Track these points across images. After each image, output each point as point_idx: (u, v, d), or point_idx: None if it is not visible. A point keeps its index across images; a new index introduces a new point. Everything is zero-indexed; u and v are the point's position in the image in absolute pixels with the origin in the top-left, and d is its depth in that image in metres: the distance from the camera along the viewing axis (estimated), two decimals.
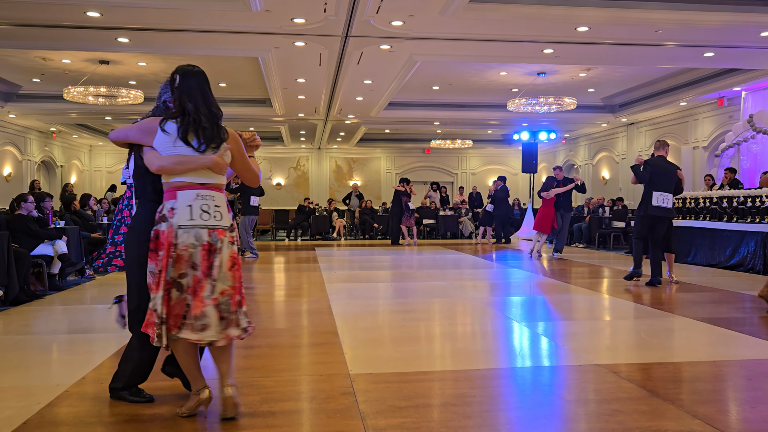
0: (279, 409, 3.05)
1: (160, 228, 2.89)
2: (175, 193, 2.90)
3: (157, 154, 2.91)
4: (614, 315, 5.85)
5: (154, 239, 2.91)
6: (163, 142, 2.91)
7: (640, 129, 16.86)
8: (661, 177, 7.37)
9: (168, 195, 2.92)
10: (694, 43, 9.38)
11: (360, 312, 5.83)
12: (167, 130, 2.91)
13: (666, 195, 7.32)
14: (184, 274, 2.86)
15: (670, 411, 3.02)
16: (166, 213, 2.90)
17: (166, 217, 2.89)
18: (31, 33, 8.82)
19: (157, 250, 2.88)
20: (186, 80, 2.99)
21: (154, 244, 2.91)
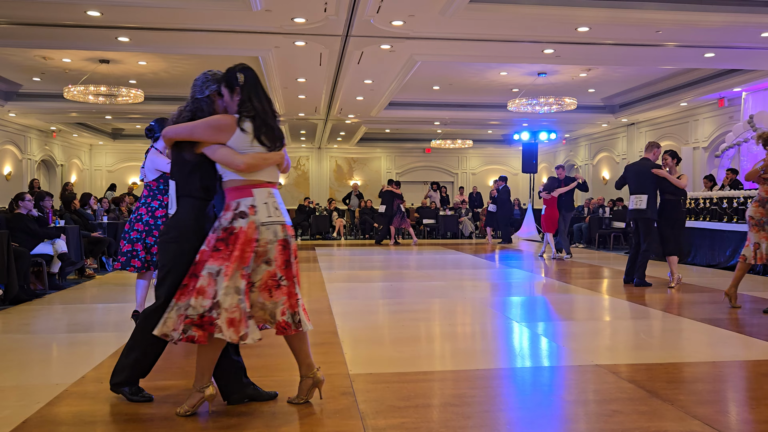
0: (279, 409, 3.05)
1: (235, 225, 2.86)
2: (250, 190, 2.92)
3: (233, 151, 2.90)
4: (614, 315, 5.85)
5: (225, 236, 2.86)
6: (241, 141, 2.91)
7: (640, 129, 16.86)
8: (636, 179, 7.42)
9: (240, 193, 2.91)
10: (694, 43, 9.38)
11: (360, 312, 5.83)
12: (246, 129, 2.91)
13: (639, 197, 7.31)
14: (257, 271, 2.91)
15: (669, 411, 3.01)
16: (245, 210, 2.88)
17: (245, 213, 2.87)
18: (31, 32, 8.82)
19: (230, 247, 2.84)
20: (251, 79, 2.99)
21: (226, 241, 2.86)
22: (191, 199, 3.02)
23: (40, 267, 7.06)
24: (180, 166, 3.03)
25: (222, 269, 2.83)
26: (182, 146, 2.99)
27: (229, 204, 2.93)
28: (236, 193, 2.92)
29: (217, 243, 2.88)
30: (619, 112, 15.83)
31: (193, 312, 2.81)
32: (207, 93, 3.06)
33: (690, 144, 14.80)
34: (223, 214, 2.94)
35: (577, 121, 17.11)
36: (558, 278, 8.36)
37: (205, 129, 2.92)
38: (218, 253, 2.85)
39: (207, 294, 2.82)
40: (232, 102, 2.99)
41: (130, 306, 6.09)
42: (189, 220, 3.00)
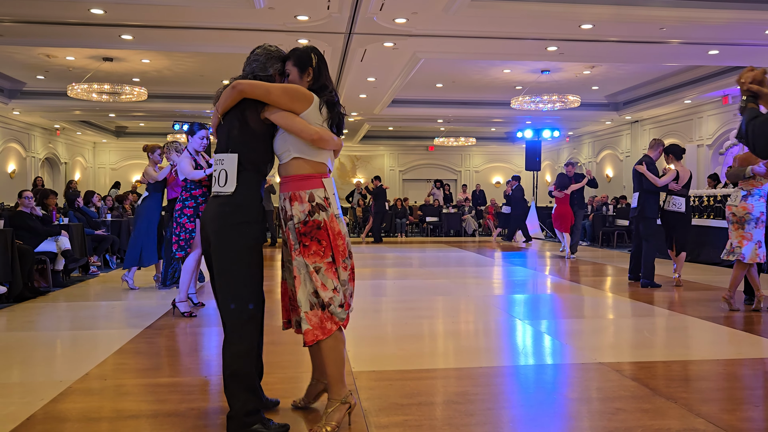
0: (282, 406, 3.06)
1: (319, 218, 2.66)
2: (320, 181, 2.71)
3: (305, 122, 2.67)
4: (617, 313, 5.84)
5: (311, 229, 2.66)
6: (315, 118, 2.69)
7: (644, 127, 16.82)
8: (635, 178, 7.41)
9: (310, 182, 2.69)
10: (698, 40, 9.35)
11: (363, 309, 5.83)
12: (323, 113, 2.72)
13: (634, 195, 7.39)
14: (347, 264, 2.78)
15: (673, 409, 3.01)
16: (321, 202, 2.68)
17: (322, 206, 2.68)
18: (35, 30, 8.84)
19: (323, 242, 2.67)
20: (324, 62, 2.82)
21: (310, 236, 2.67)
22: (257, 175, 2.73)
23: (44, 264, 7.08)
24: (243, 134, 2.69)
25: (322, 267, 2.66)
26: (246, 112, 2.68)
27: (299, 194, 2.68)
28: (304, 182, 2.69)
29: (302, 238, 2.67)
30: (623, 109, 15.80)
31: (339, 299, 2.68)
32: (270, 71, 2.80)
33: (694, 141, 14.76)
34: (290, 203, 2.70)
35: (580, 118, 17.08)
36: (561, 276, 8.35)
37: (281, 92, 2.66)
38: (307, 249, 2.67)
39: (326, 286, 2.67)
40: (302, 83, 2.76)
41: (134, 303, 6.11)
42: (257, 196, 2.72)
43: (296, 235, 2.68)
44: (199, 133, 5.58)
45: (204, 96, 15.14)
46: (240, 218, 2.65)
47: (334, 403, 2.71)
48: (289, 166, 2.72)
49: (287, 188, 2.72)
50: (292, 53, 2.80)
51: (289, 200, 2.71)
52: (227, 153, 2.69)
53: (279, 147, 2.73)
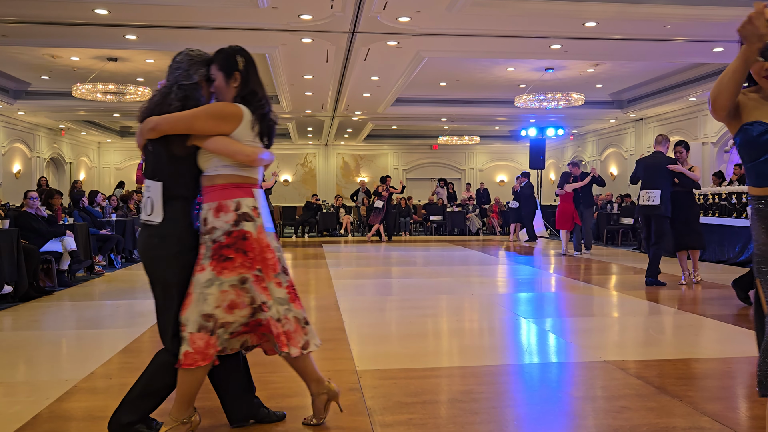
0: (286, 405, 3.06)
1: (244, 228, 2.49)
2: (250, 190, 2.55)
3: (237, 143, 2.50)
4: (622, 312, 5.82)
5: (233, 242, 2.48)
6: (244, 135, 2.52)
7: (648, 125, 16.77)
8: (648, 174, 7.13)
9: (239, 191, 2.52)
10: (703, 38, 9.31)
11: (367, 308, 5.83)
12: (254, 128, 2.54)
13: (652, 192, 7.02)
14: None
15: (678, 408, 3.00)
16: (248, 212, 2.52)
17: (250, 216, 2.52)
18: (39, 30, 8.86)
19: (249, 254, 2.50)
20: (252, 64, 2.62)
21: (236, 247, 2.48)
22: (183, 201, 2.56)
23: (50, 264, 7.11)
24: (166, 162, 2.52)
25: (249, 278, 2.50)
26: (169, 140, 2.49)
27: (225, 204, 2.50)
28: (233, 191, 2.52)
29: (224, 251, 2.48)
30: (627, 107, 15.75)
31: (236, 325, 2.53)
32: (195, 78, 2.58)
33: (699, 139, 14.71)
34: (213, 214, 2.51)
35: (584, 116, 17.04)
36: (566, 275, 8.33)
37: (205, 119, 2.47)
38: (230, 262, 2.48)
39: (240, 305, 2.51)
40: (228, 89, 2.58)
41: (139, 302, 6.12)
42: (186, 225, 2.55)
43: (213, 249, 2.48)
44: None
45: None
46: (168, 250, 2.51)
47: (172, 423, 2.54)
48: (214, 178, 2.53)
49: (212, 198, 2.52)
50: (217, 56, 2.60)
51: (213, 211, 2.51)
52: (153, 181, 2.55)
53: (203, 162, 2.54)
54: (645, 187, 7.15)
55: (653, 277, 7.08)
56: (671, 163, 7.09)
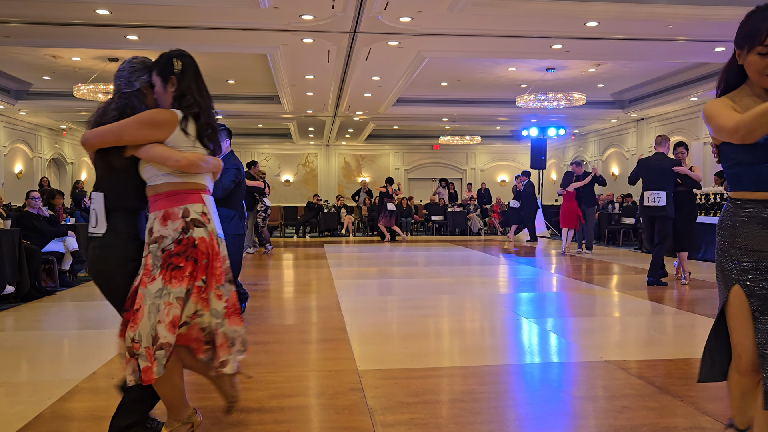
0: (287, 405, 3.06)
1: (193, 235, 2.41)
2: (199, 195, 2.48)
3: (171, 148, 2.42)
4: (624, 311, 5.82)
5: (183, 250, 2.40)
6: (180, 141, 2.44)
7: (650, 124, 16.76)
8: (654, 176, 7.12)
9: (187, 197, 2.45)
10: (704, 37, 9.31)
11: (368, 308, 5.84)
12: (187, 128, 2.46)
13: (658, 193, 7.02)
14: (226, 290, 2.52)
15: (679, 408, 3.00)
16: (197, 217, 2.43)
17: (199, 221, 2.43)
18: (41, 31, 8.88)
19: (198, 261, 2.41)
20: (190, 67, 2.54)
21: (185, 255, 2.40)
22: (126, 212, 2.50)
23: (51, 264, 7.12)
24: (107, 174, 2.49)
25: (191, 290, 2.41)
26: (108, 151, 2.44)
27: (172, 211, 2.41)
28: (179, 197, 2.43)
29: (174, 259, 2.38)
30: (629, 107, 15.74)
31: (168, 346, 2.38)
32: (137, 86, 2.54)
33: (700, 139, 14.70)
34: (161, 223, 2.41)
35: (586, 116, 17.04)
36: (567, 274, 8.33)
37: (137, 128, 2.39)
38: (180, 271, 2.38)
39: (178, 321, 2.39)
40: (166, 94, 2.51)
41: None
42: (130, 236, 2.48)
43: (162, 258, 2.39)
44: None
45: None
46: (111, 262, 2.46)
47: (174, 424, 2.52)
48: (158, 187, 2.45)
49: (158, 206, 2.43)
50: (157, 61, 2.56)
51: (159, 220, 2.42)
52: (96, 192, 2.51)
53: (146, 172, 2.46)
54: (649, 188, 7.13)
55: (655, 277, 7.10)
56: (676, 164, 7.10)
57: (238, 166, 5.18)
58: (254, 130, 20.77)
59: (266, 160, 22.41)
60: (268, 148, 22.65)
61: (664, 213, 7.01)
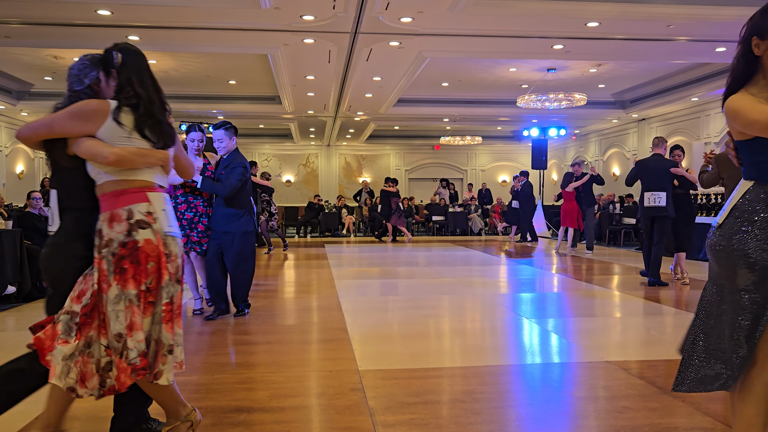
0: (288, 405, 3.07)
1: (138, 237, 2.34)
2: (144, 194, 2.40)
3: (101, 142, 2.34)
4: (625, 312, 5.82)
5: (128, 253, 2.33)
6: (114, 133, 2.35)
7: (651, 125, 16.75)
8: (653, 177, 7.21)
9: (131, 197, 2.37)
10: (705, 37, 9.30)
11: (369, 308, 5.84)
12: (122, 119, 2.37)
13: (658, 194, 7.13)
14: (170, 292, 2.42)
15: (680, 408, 3.00)
16: (142, 218, 2.36)
17: (144, 222, 2.36)
18: (42, 31, 8.89)
19: (142, 265, 2.34)
20: (133, 60, 2.48)
21: (131, 258, 2.33)
22: (77, 212, 2.45)
23: None
24: (56, 173, 2.46)
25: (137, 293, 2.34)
26: (53, 149, 2.40)
27: (117, 213, 2.35)
28: (122, 198, 2.36)
29: (123, 263, 2.33)
30: (630, 107, 15.74)
31: (135, 354, 2.31)
32: (87, 82, 2.51)
33: (701, 139, 14.69)
34: (107, 225, 2.35)
35: (587, 116, 17.03)
36: (568, 275, 8.33)
37: (66, 119, 2.34)
38: (126, 274, 2.33)
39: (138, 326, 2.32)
40: (108, 88, 2.46)
41: None
42: (79, 235, 2.42)
43: (114, 263, 2.33)
44: (190, 135, 5.28)
45: (210, 96, 15.19)
46: (59, 261, 2.40)
47: (173, 423, 2.50)
48: (103, 186, 2.39)
49: (104, 208, 2.38)
50: (101, 56, 2.51)
51: (107, 222, 2.36)
52: (52, 189, 2.52)
53: (91, 171, 2.40)
54: (649, 189, 7.22)
55: (655, 277, 7.14)
56: (673, 165, 7.24)
57: (244, 164, 5.15)
58: (255, 130, 20.79)
59: (267, 161, 22.42)
60: (269, 148, 22.66)
61: (665, 213, 7.11)
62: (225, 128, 5.21)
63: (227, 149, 5.24)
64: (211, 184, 5.10)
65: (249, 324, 5.09)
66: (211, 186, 5.09)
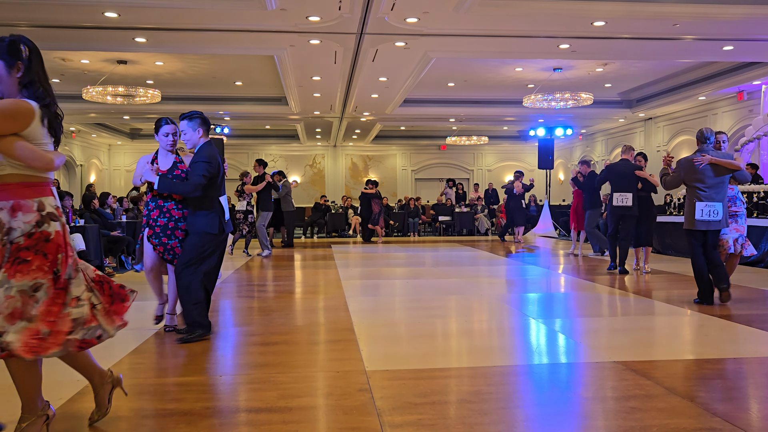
0: (296, 405, 3.07)
1: (49, 228, 2.41)
2: (50, 189, 2.49)
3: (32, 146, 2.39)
4: (632, 312, 5.80)
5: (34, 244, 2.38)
6: (37, 134, 2.43)
7: (657, 124, 16.69)
8: (620, 179, 8.15)
9: (40, 190, 2.44)
10: (712, 36, 9.26)
11: (376, 309, 5.84)
12: (43, 120, 2.44)
13: (625, 195, 8.06)
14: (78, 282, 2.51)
15: (689, 408, 2.99)
16: (53, 211, 2.45)
17: (54, 215, 2.45)
18: (50, 34, 8.94)
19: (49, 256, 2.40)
20: (37, 54, 2.49)
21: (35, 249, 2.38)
22: None
23: None
24: None
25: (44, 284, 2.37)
26: None
27: (26, 204, 2.38)
28: (33, 190, 2.41)
29: (23, 254, 2.35)
30: (636, 106, 15.68)
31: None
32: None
33: None
34: (10, 214, 2.37)
35: (593, 116, 16.98)
36: (575, 275, 8.31)
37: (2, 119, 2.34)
38: (26, 265, 2.35)
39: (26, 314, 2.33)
40: (10, 80, 2.43)
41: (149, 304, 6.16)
42: None
43: (11, 251, 2.36)
44: (162, 129, 4.63)
45: (217, 97, 15.24)
46: None
47: (29, 418, 2.49)
48: (5, 177, 2.38)
49: (6, 197, 2.38)
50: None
51: (8, 211, 2.37)
52: None
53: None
54: (618, 190, 8.15)
55: (622, 266, 8.15)
56: (637, 169, 8.16)
57: (209, 158, 4.42)
58: (262, 131, 20.84)
59: (274, 161, 22.46)
60: (275, 149, 22.70)
61: (631, 212, 8.08)
62: (189, 119, 4.56)
63: (193, 143, 4.58)
64: (169, 184, 4.40)
65: (256, 324, 5.10)
66: (169, 185, 4.40)
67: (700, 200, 5.66)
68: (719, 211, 5.63)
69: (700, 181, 5.70)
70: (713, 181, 5.69)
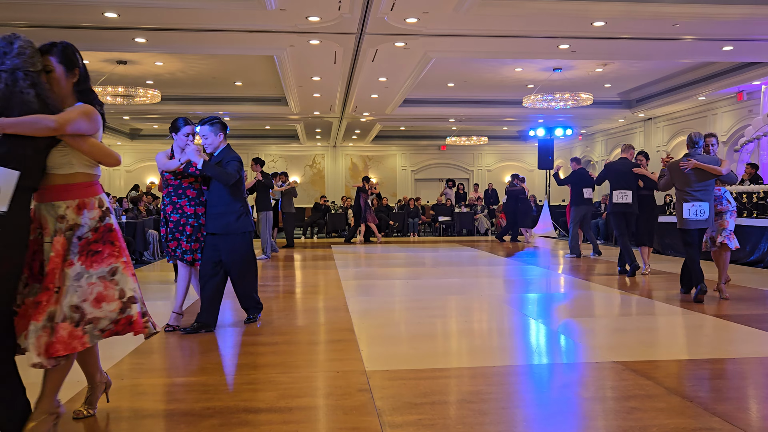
0: (296, 405, 3.08)
1: (110, 221, 2.70)
2: (101, 187, 2.78)
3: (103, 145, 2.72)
4: (632, 312, 5.80)
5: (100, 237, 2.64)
6: (101, 135, 2.75)
7: (657, 124, 16.70)
8: (619, 177, 8.08)
9: (100, 189, 2.75)
10: (712, 36, 9.27)
11: (376, 309, 5.85)
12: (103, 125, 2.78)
13: (624, 192, 7.99)
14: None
15: (689, 408, 2.99)
16: (109, 206, 2.74)
17: (110, 210, 2.74)
18: (50, 34, 8.94)
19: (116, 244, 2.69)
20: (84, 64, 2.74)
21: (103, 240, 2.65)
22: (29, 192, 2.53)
23: None
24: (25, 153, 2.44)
25: (119, 267, 2.67)
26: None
27: (89, 201, 2.63)
28: (94, 189, 2.69)
29: (93, 246, 2.61)
30: (636, 107, 15.69)
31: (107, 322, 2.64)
32: (39, 67, 2.52)
33: None
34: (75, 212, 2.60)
35: (593, 116, 16.99)
36: (574, 275, 8.32)
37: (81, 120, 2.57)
38: (99, 255, 2.62)
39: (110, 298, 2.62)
40: (66, 83, 2.62)
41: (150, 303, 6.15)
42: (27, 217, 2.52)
43: (78, 246, 2.58)
44: (183, 129, 4.86)
45: (217, 98, 15.24)
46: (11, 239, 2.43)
47: (41, 415, 2.61)
48: (69, 177, 2.60)
49: (71, 196, 2.59)
50: (54, 48, 2.58)
51: (74, 209, 2.60)
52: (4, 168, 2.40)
53: (58, 161, 2.57)
54: (618, 188, 8.05)
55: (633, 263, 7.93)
56: (635, 166, 8.09)
57: (239, 159, 4.84)
58: (261, 131, 20.83)
59: (273, 162, 22.47)
60: (275, 149, 22.70)
61: (630, 210, 8.02)
62: (210, 124, 4.81)
63: (213, 146, 4.82)
64: (213, 167, 4.65)
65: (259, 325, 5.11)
66: (212, 168, 4.64)
67: (687, 201, 5.97)
68: (705, 211, 5.91)
69: (687, 184, 5.99)
70: (699, 185, 5.96)
